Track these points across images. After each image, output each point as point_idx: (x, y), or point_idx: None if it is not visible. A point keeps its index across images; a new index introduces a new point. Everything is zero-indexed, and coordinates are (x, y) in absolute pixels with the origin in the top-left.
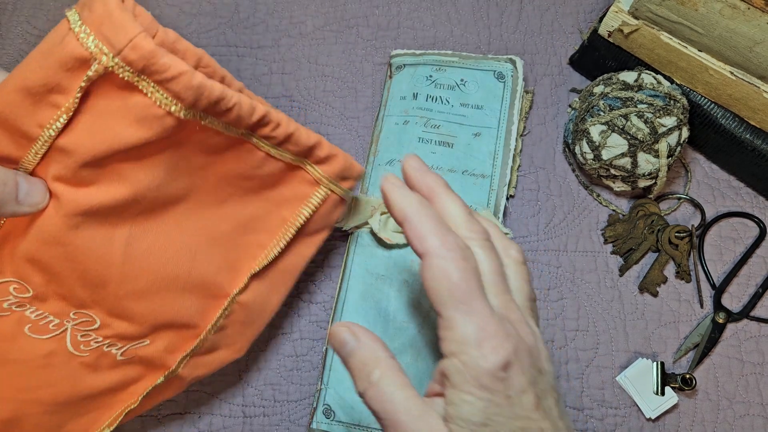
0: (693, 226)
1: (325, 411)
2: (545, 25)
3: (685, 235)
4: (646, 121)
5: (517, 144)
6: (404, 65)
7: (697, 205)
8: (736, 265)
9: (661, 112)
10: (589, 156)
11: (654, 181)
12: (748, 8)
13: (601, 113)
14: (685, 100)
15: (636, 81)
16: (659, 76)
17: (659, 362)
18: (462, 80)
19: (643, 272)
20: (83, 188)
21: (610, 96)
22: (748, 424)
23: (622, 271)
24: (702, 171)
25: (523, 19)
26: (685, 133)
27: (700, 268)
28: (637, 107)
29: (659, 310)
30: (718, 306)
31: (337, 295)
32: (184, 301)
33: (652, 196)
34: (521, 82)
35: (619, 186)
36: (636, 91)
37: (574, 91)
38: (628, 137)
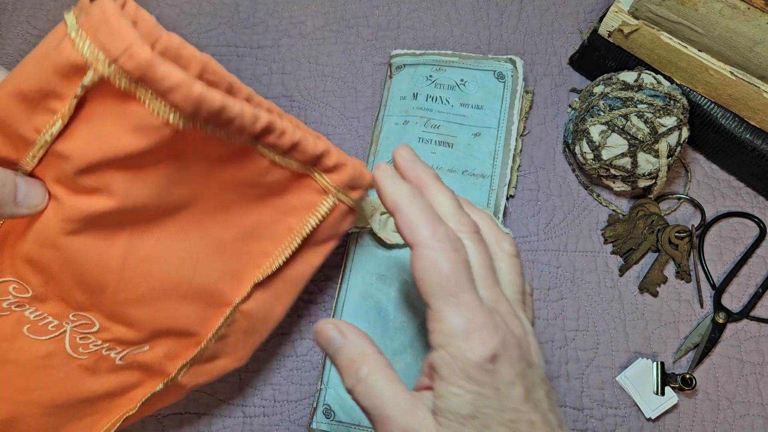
0: (693, 226)
1: (325, 411)
2: (545, 25)
3: (685, 235)
4: (646, 121)
5: (517, 144)
6: (404, 65)
7: (697, 205)
8: (736, 265)
9: (661, 112)
10: (589, 156)
11: (654, 181)
12: (748, 8)
13: (601, 113)
14: (685, 100)
15: (636, 81)
16: (659, 76)
17: (659, 362)
18: (462, 80)
19: (643, 272)
20: (80, 195)
21: (610, 96)
22: (748, 424)
23: (622, 271)
24: (702, 171)
25: (523, 19)
26: (685, 133)
27: (700, 268)
28: (637, 107)
29: (659, 310)
30: (718, 306)
31: (337, 295)
32: (185, 309)
33: (652, 196)
34: (521, 82)
35: (619, 186)
36: (636, 91)
37: (574, 91)
38: (628, 137)
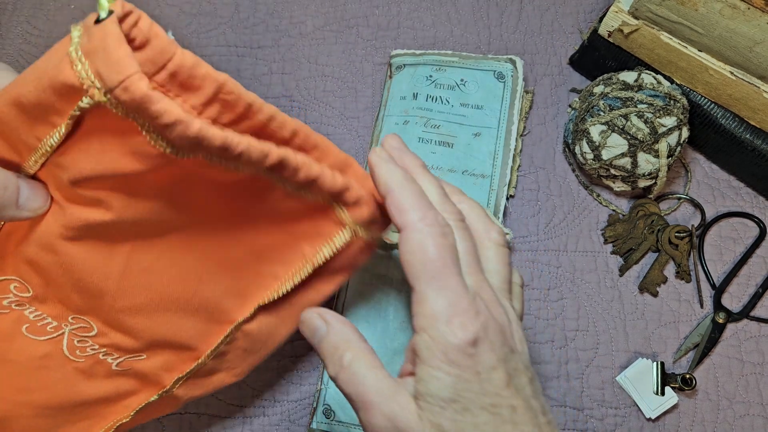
0: (693, 226)
1: (325, 411)
2: (545, 25)
3: (685, 235)
4: (646, 121)
5: (517, 144)
6: (404, 65)
7: (697, 205)
8: (736, 265)
9: (661, 112)
10: (589, 156)
11: (654, 181)
12: (748, 8)
13: (601, 113)
14: (685, 100)
15: (636, 81)
16: (659, 76)
17: (659, 362)
18: (462, 80)
19: (643, 272)
20: (78, 205)
21: (610, 96)
22: (748, 424)
23: (622, 271)
24: (702, 171)
25: (523, 19)
26: (685, 133)
27: (700, 268)
28: (637, 107)
29: (659, 310)
30: (718, 306)
31: (337, 295)
32: (185, 323)
33: (652, 196)
34: (521, 82)
35: (619, 186)
36: (636, 91)
37: (574, 91)
38: (628, 137)
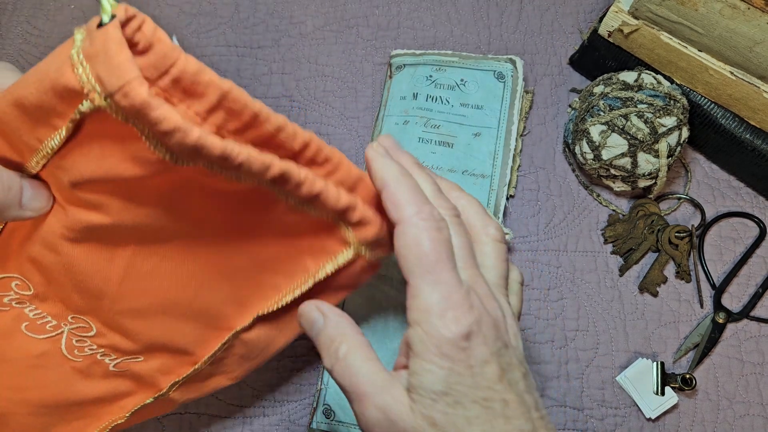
0: (693, 226)
1: (325, 411)
2: (545, 25)
3: (685, 235)
4: (646, 121)
5: (517, 144)
6: (404, 65)
7: (697, 205)
8: (736, 265)
9: (661, 112)
10: (589, 156)
11: (654, 181)
12: (748, 8)
13: (601, 113)
14: (685, 100)
15: (636, 81)
16: (659, 76)
17: (659, 362)
18: (462, 80)
19: (643, 272)
20: (77, 207)
21: (610, 96)
22: (748, 424)
23: (622, 271)
24: (702, 171)
25: (523, 19)
26: (685, 133)
27: (700, 268)
28: (637, 107)
29: (659, 310)
30: (718, 306)
31: None
32: (183, 328)
33: (652, 196)
34: (521, 82)
35: (619, 186)
36: (636, 91)
37: (574, 91)
38: (628, 137)
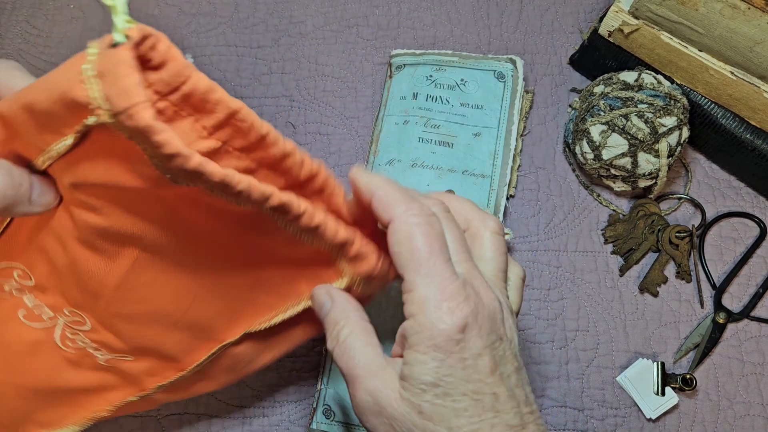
0: (693, 226)
1: (325, 411)
2: (545, 24)
3: (685, 235)
4: (646, 121)
5: (517, 144)
6: (404, 65)
7: (698, 205)
8: (736, 265)
9: (662, 112)
10: (590, 156)
11: (654, 181)
12: (749, 8)
13: (602, 113)
14: (685, 100)
15: (636, 81)
16: (659, 76)
17: (659, 362)
18: (462, 80)
19: (644, 272)
20: (78, 207)
21: (611, 96)
22: (749, 425)
23: (623, 271)
24: (702, 171)
25: (523, 19)
26: (686, 133)
27: (700, 268)
28: (637, 107)
29: (659, 310)
30: (719, 306)
31: None
32: (173, 336)
33: (652, 196)
34: (521, 82)
35: (619, 186)
36: (636, 91)
37: (574, 90)
38: (629, 137)
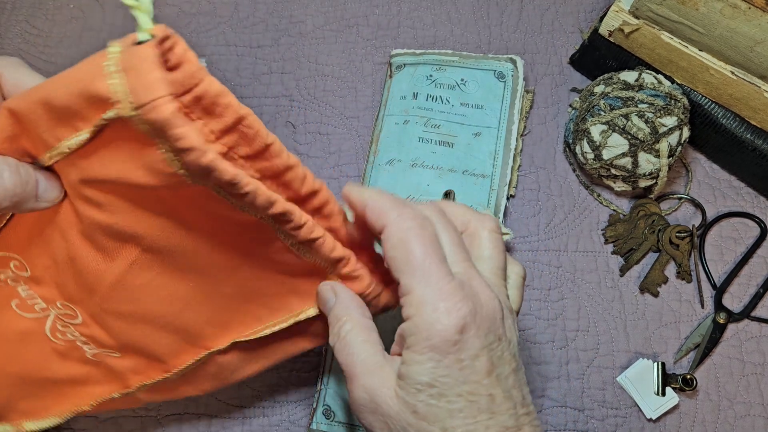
0: (694, 226)
1: (325, 411)
2: (546, 24)
3: (685, 235)
4: (646, 121)
5: (517, 144)
6: (404, 65)
7: (698, 205)
8: (737, 265)
9: (662, 112)
10: (590, 156)
11: (655, 181)
12: (749, 8)
13: (602, 113)
14: (685, 100)
15: (637, 81)
16: (660, 76)
17: (660, 362)
18: (462, 80)
19: (644, 272)
20: (83, 203)
21: (611, 96)
22: (749, 425)
23: (623, 271)
24: (703, 171)
25: (523, 19)
26: (686, 132)
27: (700, 268)
28: (637, 107)
29: (660, 310)
30: (719, 306)
31: None
32: (162, 338)
33: (652, 196)
34: (522, 82)
35: (619, 186)
36: (637, 91)
37: (574, 90)
38: (629, 137)
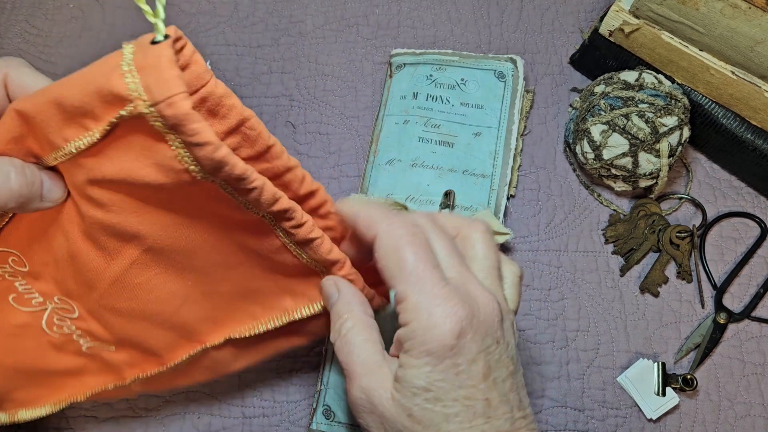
0: (694, 226)
1: (325, 412)
2: (546, 24)
3: (686, 235)
4: (647, 121)
5: (517, 143)
6: (404, 64)
7: (698, 205)
8: (737, 266)
9: (662, 112)
10: (590, 156)
11: (655, 181)
12: (749, 8)
13: (602, 113)
14: (686, 100)
15: (637, 80)
16: (660, 76)
17: (660, 363)
18: (462, 79)
19: (644, 272)
20: (87, 202)
21: (611, 95)
22: (750, 425)
23: (623, 271)
24: (703, 171)
25: (523, 18)
26: (686, 132)
27: (701, 268)
28: (638, 107)
29: (660, 310)
30: (720, 306)
31: None
32: (158, 333)
33: (653, 196)
34: (522, 82)
35: (620, 186)
36: (637, 91)
37: (574, 90)
38: (629, 137)
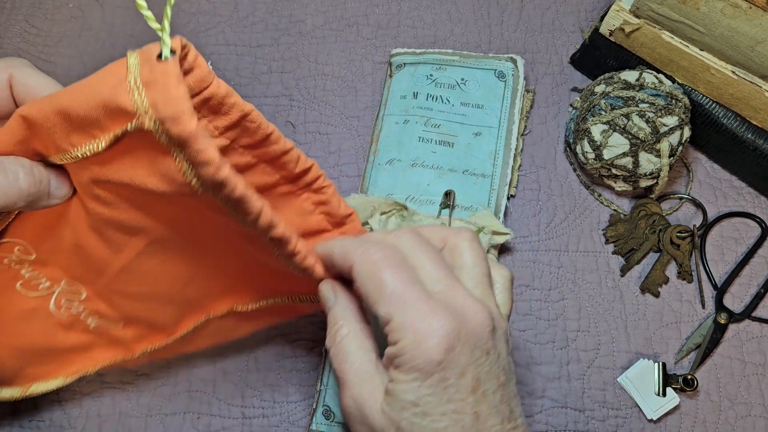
0: (695, 226)
1: (325, 412)
2: (546, 23)
3: (686, 235)
4: (647, 121)
5: (517, 143)
6: (404, 64)
7: (699, 205)
8: (738, 266)
9: (663, 112)
10: (591, 155)
11: (655, 181)
12: (750, 7)
13: (603, 112)
14: (686, 100)
15: (637, 80)
16: (661, 75)
17: (661, 363)
18: (462, 79)
19: (645, 272)
20: (94, 201)
21: (612, 95)
22: (750, 425)
23: (624, 271)
24: (704, 171)
25: (524, 18)
26: (687, 132)
27: (701, 268)
28: (638, 106)
29: (661, 310)
30: (720, 306)
31: None
32: (165, 309)
33: (653, 196)
34: (522, 81)
35: (620, 186)
36: (637, 91)
37: (575, 90)
38: (630, 137)
